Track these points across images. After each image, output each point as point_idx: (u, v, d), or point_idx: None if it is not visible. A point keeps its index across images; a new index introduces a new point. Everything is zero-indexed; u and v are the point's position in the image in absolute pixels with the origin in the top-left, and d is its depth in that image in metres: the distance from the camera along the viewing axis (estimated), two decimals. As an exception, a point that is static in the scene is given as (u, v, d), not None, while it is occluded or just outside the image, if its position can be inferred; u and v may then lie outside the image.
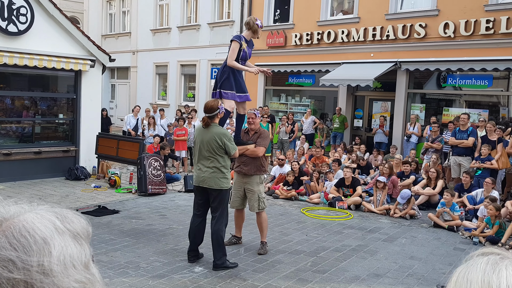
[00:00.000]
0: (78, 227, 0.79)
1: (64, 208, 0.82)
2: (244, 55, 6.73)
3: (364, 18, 15.39)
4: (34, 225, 0.74)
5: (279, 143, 15.82)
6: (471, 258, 0.91)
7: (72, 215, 0.80)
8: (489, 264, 0.86)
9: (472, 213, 9.65)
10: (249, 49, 6.84)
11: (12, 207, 0.77)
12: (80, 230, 0.79)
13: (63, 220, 0.78)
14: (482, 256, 0.90)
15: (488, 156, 10.82)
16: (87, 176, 12.64)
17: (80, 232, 0.79)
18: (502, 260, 0.86)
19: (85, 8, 27.35)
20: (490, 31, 12.74)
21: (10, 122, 12.41)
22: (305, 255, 7.14)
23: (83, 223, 0.81)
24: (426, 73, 14.58)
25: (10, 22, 11.06)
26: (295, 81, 18.02)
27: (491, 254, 0.90)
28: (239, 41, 6.65)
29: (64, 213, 0.79)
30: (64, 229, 0.76)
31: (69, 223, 0.78)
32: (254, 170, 7.06)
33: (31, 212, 0.76)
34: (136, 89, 24.20)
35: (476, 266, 0.87)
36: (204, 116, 6.40)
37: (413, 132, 13.90)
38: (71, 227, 0.78)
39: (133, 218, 8.94)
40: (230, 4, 19.89)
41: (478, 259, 0.89)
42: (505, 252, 0.93)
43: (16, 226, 0.73)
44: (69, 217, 0.79)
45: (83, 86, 12.81)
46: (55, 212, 0.79)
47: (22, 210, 0.76)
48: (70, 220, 0.79)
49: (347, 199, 10.61)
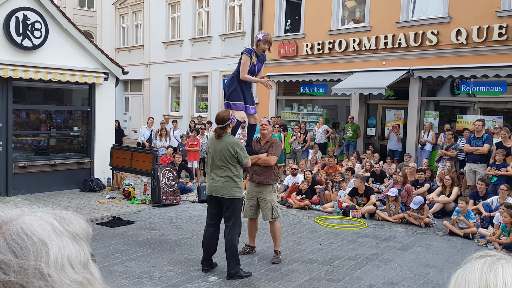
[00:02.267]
0: (77, 228, 0.80)
1: (64, 210, 0.83)
2: (253, 68, 6.76)
3: (375, 27, 15.39)
4: (32, 227, 0.75)
5: (292, 152, 15.81)
6: (469, 261, 0.93)
7: (71, 216, 0.82)
8: (486, 264, 0.87)
9: (488, 220, 9.54)
10: (258, 63, 6.88)
11: (11, 210, 0.78)
12: (79, 231, 0.80)
13: (61, 222, 0.79)
14: (479, 258, 0.92)
15: (504, 163, 10.71)
16: (101, 188, 12.73)
17: (80, 233, 0.80)
18: (498, 260, 0.88)
19: (99, 22, 27.71)
20: (503, 37, 12.66)
21: (26, 136, 12.57)
22: (319, 264, 7.11)
23: (82, 225, 0.82)
24: (439, 81, 14.51)
25: (25, 37, 11.24)
26: (307, 90, 18.03)
27: (488, 256, 0.92)
28: (249, 55, 6.69)
29: (64, 215, 0.81)
30: (63, 230, 0.77)
31: (68, 224, 0.79)
32: (267, 179, 7.07)
33: (31, 214, 0.77)
34: (149, 101, 24.39)
35: (474, 267, 0.88)
36: (216, 128, 6.44)
37: (427, 140, 13.81)
38: (70, 228, 0.79)
39: (148, 228, 8.98)
40: (241, 15, 20.02)
41: (475, 261, 0.91)
42: (502, 254, 0.94)
43: (15, 228, 0.74)
44: (68, 219, 0.80)
45: (97, 99, 12.95)
46: (54, 214, 0.80)
47: (22, 212, 0.78)
48: (69, 222, 0.80)
49: (361, 207, 10.55)
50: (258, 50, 6.81)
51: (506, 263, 0.87)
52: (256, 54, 6.79)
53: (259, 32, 6.97)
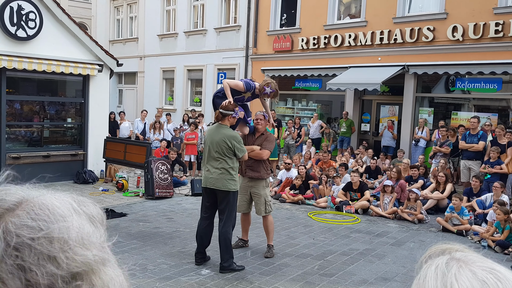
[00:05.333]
0: (94, 211, 0.82)
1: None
2: (241, 99, 6.81)
3: (371, 22, 15.37)
4: (53, 203, 0.77)
5: (286, 147, 15.80)
6: (420, 267, 0.88)
7: (87, 200, 0.84)
8: (438, 279, 0.81)
9: (481, 217, 9.56)
10: (249, 97, 6.91)
11: (29, 191, 0.80)
12: (95, 214, 0.82)
13: (79, 203, 0.81)
14: (430, 262, 0.86)
15: (498, 160, 10.74)
16: (95, 180, 12.67)
17: (96, 216, 0.82)
18: (449, 267, 0.82)
19: (93, 14, 27.53)
20: (499, 34, 12.66)
21: (19, 127, 12.48)
22: (312, 259, 7.10)
23: (98, 209, 0.84)
24: (434, 77, 14.51)
25: (19, 27, 11.14)
26: (301, 85, 18.01)
27: (438, 256, 0.87)
28: (246, 90, 6.70)
29: (80, 198, 0.83)
30: (81, 211, 0.80)
31: (85, 206, 0.82)
32: (260, 174, 7.05)
33: (49, 194, 0.80)
34: (143, 94, 24.28)
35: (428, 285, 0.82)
36: (217, 111, 6.42)
37: (421, 137, 13.83)
38: (87, 210, 0.81)
39: (141, 221, 8.95)
40: (236, 9, 19.93)
41: (426, 269, 0.85)
42: (451, 246, 0.89)
43: (36, 203, 0.76)
44: (85, 202, 0.83)
45: (91, 90, 12.87)
46: (71, 196, 0.83)
47: (42, 192, 0.80)
48: (86, 204, 0.82)
49: (354, 203, 10.56)
50: (257, 92, 6.82)
51: (458, 272, 0.81)
52: (254, 92, 6.80)
53: (268, 85, 6.75)
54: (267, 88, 6.72)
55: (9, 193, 0.79)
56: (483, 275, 0.80)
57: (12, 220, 0.73)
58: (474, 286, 0.79)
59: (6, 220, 0.73)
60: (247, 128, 7.06)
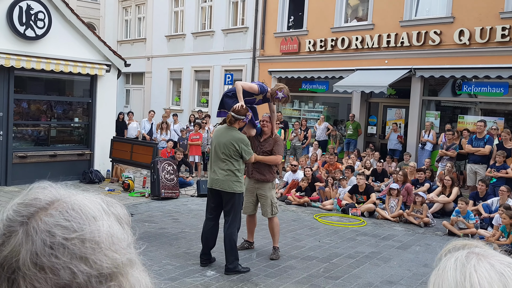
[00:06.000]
0: (121, 212, 0.85)
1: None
2: (253, 100, 6.86)
3: (378, 25, 15.35)
4: (84, 204, 0.80)
5: (292, 149, 15.80)
6: (439, 260, 0.91)
7: (115, 201, 0.87)
8: (457, 269, 0.85)
9: (487, 221, 9.54)
10: (260, 100, 6.97)
11: (62, 190, 0.82)
12: (122, 215, 0.85)
13: (108, 204, 0.84)
14: (450, 255, 0.89)
15: (504, 164, 10.71)
16: (101, 180, 12.72)
17: (123, 217, 0.85)
18: (468, 259, 0.86)
19: (102, 14, 27.63)
20: (506, 39, 12.63)
21: (26, 126, 12.55)
22: (317, 261, 7.11)
23: (124, 210, 0.87)
24: (441, 80, 14.49)
25: (28, 27, 11.21)
26: (308, 87, 18.01)
27: (457, 250, 0.90)
28: (259, 91, 6.77)
29: (108, 199, 0.86)
30: (110, 212, 0.82)
31: (113, 207, 0.84)
32: (266, 176, 7.07)
33: (81, 194, 0.83)
34: (150, 94, 24.36)
35: (447, 275, 0.86)
36: (229, 114, 6.42)
37: (428, 140, 13.80)
38: (115, 211, 0.84)
39: (146, 221, 8.98)
40: (244, 10, 19.96)
41: (445, 261, 0.88)
42: (470, 242, 0.92)
43: (69, 203, 0.79)
44: (113, 203, 0.86)
45: (98, 90, 12.93)
46: (100, 197, 0.85)
47: (72, 193, 0.83)
48: (114, 205, 0.85)
49: (360, 206, 10.55)
50: (269, 96, 6.85)
51: (478, 263, 0.85)
52: (265, 95, 6.86)
53: (281, 90, 6.79)
54: (280, 93, 6.75)
55: (42, 192, 0.81)
56: (501, 268, 0.84)
57: (45, 219, 0.75)
58: (492, 277, 0.82)
59: (40, 218, 0.76)
60: (254, 130, 7.07)
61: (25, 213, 0.77)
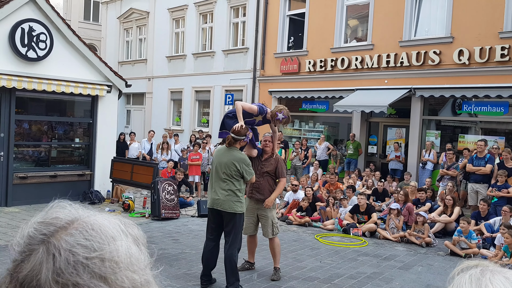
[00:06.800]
0: (137, 233, 0.87)
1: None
2: (252, 122, 6.86)
3: (378, 45, 15.46)
4: (103, 224, 0.81)
5: (293, 168, 15.78)
6: (453, 279, 0.92)
7: (132, 223, 0.88)
8: (472, 283, 0.86)
9: (489, 241, 9.48)
10: (260, 121, 6.97)
11: (81, 210, 0.84)
12: (139, 236, 0.87)
13: (126, 225, 0.85)
14: (463, 273, 0.91)
15: (505, 184, 10.68)
16: (101, 200, 12.68)
17: (139, 238, 0.86)
18: (483, 274, 0.87)
19: (103, 35, 27.87)
20: (505, 58, 12.70)
21: (27, 146, 12.56)
22: (319, 282, 7.05)
23: (140, 231, 0.88)
24: (441, 100, 14.53)
25: (30, 48, 11.29)
26: (308, 107, 18.06)
27: (470, 269, 0.91)
28: (258, 112, 6.78)
29: (126, 220, 0.87)
30: (127, 233, 0.84)
31: (130, 228, 0.86)
32: (266, 196, 7.04)
33: (99, 215, 0.84)
34: (151, 115, 24.43)
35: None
36: (229, 135, 6.41)
37: (428, 159, 13.80)
38: (132, 232, 0.85)
39: (146, 242, 8.90)
40: (244, 31, 20.13)
41: (461, 278, 0.89)
42: (483, 262, 0.94)
43: (88, 223, 0.80)
44: (130, 224, 0.87)
45: (99, 111, 12.97)
46: (118, 218, 0.86)
47: (91, 213, 0.84)
48: (132, 227, 0.87)
49: (361, 225, 10.50)
50: (269, 117, 6.87)
51: (493, 276, 0.86)
52: (265, 116, 6.87)
53: (281, 111, 6.77)
54: (280, 114, 6.74)
55: (62, 211, 0.83)
56: None
57: (66, 238, 0.76)
58: (507, 287, 0.83)
59: (61, 237, 0.76)
60: (255, 150, 7.06)
61: (46, 232, 0.78)
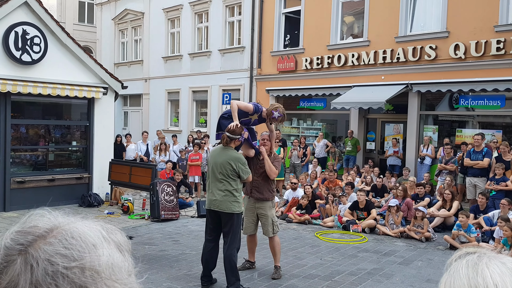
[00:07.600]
0: (121, 239, 0.84)
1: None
2: (248, 121, 6.82)
3: (374, 42, 15.45)
4: (84, 231, 0.79)
5: (292, 167, 15.77)
6: (450, 264, 0.93)
7: (115, 228, 0.86)
8: (469, 267, 0.87)
9: (488, 234, 9.48)
10: (255, 120, 6.93)
11: (60, 218, 0.81)
12: (122, 242, 0.84)
13: (108, 232, 0.83)
14: (460, 259, 0.92)
15: (503, 177, 10.68)
16: (100, 203, 12.66)
17: (123, 244, 0.84)
18: (480, 259, 0.88)
19: (98, 37, 27.81)
20: (501, 52, 12.69)
21: (24, 150, 12.53)
22: (319, 279, 7.04)
23: (124, 237, 0.86)
24: (438, 95, 14.53)
25: (24, 52, 11.26)
26: (306, 105, 18.05)
27: (467, 254, 0.92)
28: (254, 111, 6.75)
29: (108, 226, 0.85)
30: (110, 239, 0.81)
31: (113, 234, 0.83)
32: (265, 195, 7.03)
33: (80, 222, 0.82)
34: (148, 116, 24.39)
35: (459, 273, 0.88)
36: (224, 135, 6.39)
37: (426, 154, 13.79)
38: (115, 238, 0.83)
39: (146, 244, 8.91)
40: (240, 30, 20.09)
41: (457, 263, 0.90)
42: (480, 249, 0.94)
43: (68, 231, 0.78)
44: (113, 230, 0.85)
45: (96, 113, 12.94)
46: (100, 224, 0.84)
47: (71, 220, 0.81)
48: (114, 232, 0.84)
49: (361, 222, 10.49)
50: (265, 116, 6.83)
51: (489, 261, 0.87)
52: (260, 115, 6.83)
53: (277, 109, 6.74)
54: (275, 112, 6.72)
55: (41, 219, 0.80)
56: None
57: (44, 247, 0.74)
58: (504, 272, 0.85)
59: (39, 246, 0.74)
60: (252, 150, 7.03)
61: (23, 242, 0.75)
